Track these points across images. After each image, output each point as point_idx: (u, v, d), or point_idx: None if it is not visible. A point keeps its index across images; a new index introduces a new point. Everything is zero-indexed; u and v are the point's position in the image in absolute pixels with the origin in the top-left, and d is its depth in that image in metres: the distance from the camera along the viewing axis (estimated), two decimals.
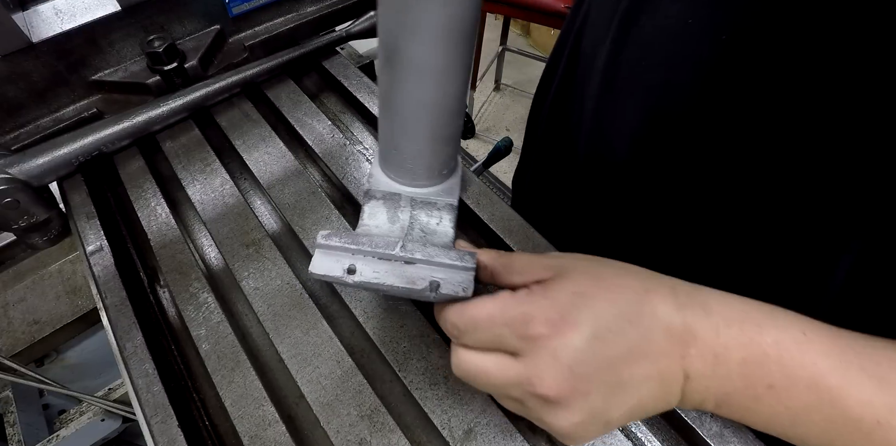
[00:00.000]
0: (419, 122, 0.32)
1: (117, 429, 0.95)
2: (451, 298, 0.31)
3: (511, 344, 0.27)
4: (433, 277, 0.31)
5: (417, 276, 0.31)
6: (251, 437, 0.37)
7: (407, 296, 0.33)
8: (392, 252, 0.32)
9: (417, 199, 0.35)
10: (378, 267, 0.31)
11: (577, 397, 0.26)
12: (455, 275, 0.31)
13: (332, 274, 0.31)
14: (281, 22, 0.63)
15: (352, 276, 0.31)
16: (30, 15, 0.51)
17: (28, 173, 0.48)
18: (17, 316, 0.76)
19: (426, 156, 0.34)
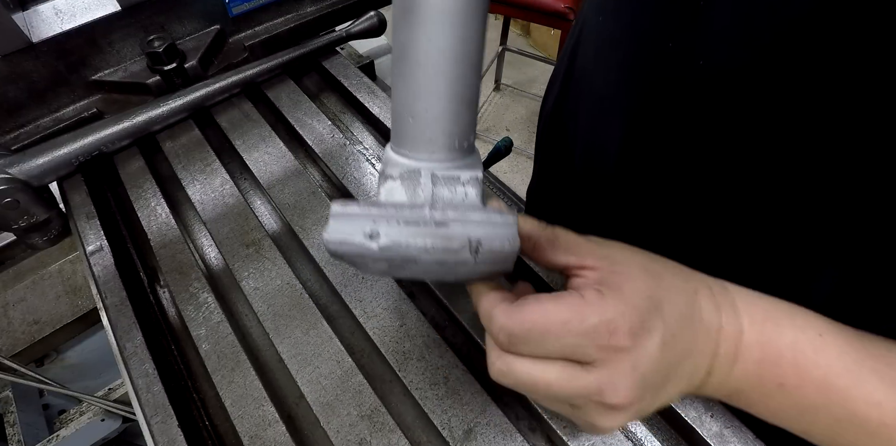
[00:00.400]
0: (439, 75, 0.29)
1: (117, 429, 0.95)
2: (496, 258, 0.27)
3: (587, 354, 0.25)
4: (472, 235, 0.27)
5: (452, 235, 0.27)
6: (251, 437, 0.37)
7: (439, 270, 0.28)
8: (420, 213, 0.27)
9: (438, 175, 0.31)
10: (405, 230, 0.27)
11: (636, 403, 0.26)
12: (496, 231, 0.27)
13: (351, 239, 0.27)
14: (281, 22, 0.63)
15: (375, 241, 0.27)
16: (30, 15, 0.51)
17: (28, 173, 0.48)
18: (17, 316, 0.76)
19: (447, 119, 0.30)
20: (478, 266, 0.27)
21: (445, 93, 0.30)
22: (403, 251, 0.27)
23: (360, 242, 0.27)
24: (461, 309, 0.41)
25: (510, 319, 0.26)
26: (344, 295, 0.43)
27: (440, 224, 0.27)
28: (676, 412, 0.35)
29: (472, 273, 0.29)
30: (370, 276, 0.44)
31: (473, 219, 0.27)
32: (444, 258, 0.27)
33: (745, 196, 0.35)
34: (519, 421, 0.39)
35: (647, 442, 0.36)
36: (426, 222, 0.27)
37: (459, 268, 0.28)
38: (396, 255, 0.27)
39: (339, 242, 0.27)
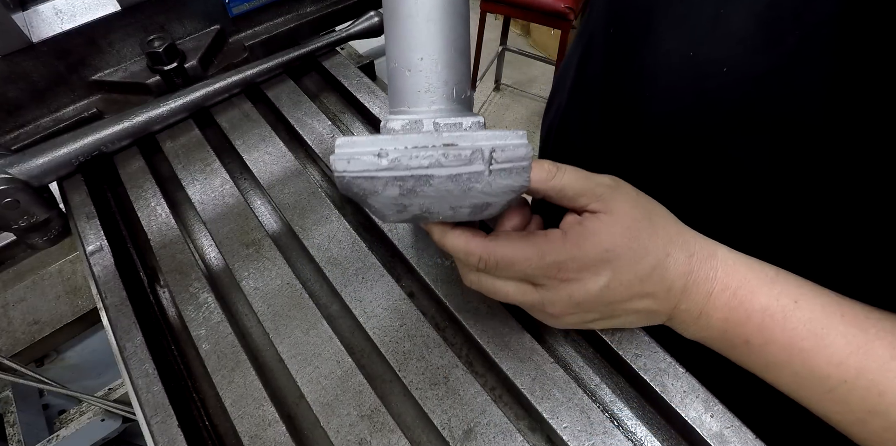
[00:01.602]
0: (430, 22, 0.30)
1: (117, 429, 0.95)
2: (511, 163, 0.27)
3: (538, 280, 0.32)
4: (483, 145, 0.27)
5: (464, 147, 0.27)
6: (251, 437, 0.37)
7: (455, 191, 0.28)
8: (427, 136, 0.27)
9: (441, 123, 0.30)
10: (415, 152, 0.27)
11: (573, 316, 0.33)
12: (508, 141, 0.27)
13: (360, 157, 0.26)
14: (281, 22, 0.63)
15: (384, 160, 0.26)
16: (30, 15, 0.51)
17: (28, 173, 0.48)
18: (17, 316, 0.76)
19: (443, 65, 0.30)
20: (494, 180, 0.27)
21: (438, 39, 0.30)
22: (415, 164, 0.26)
23: (370, 160, 0.26)
24: (461, 309, 0.41)
25: (485, 251, 0.31)
26: (344, 295, 0.43)
27: (448, 144, 0.27)
28: (676, 412, 0.35)
29: (489, 193, 0.28)
30: (369, 277, 0.44)
31: (482, 136, 0.27)
32: (457, 171, 0.27)
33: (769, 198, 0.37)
34: (519, 421, 0.39)
35: (647, 442, 0.36)
36: (434, 142, 0.27)
37: (475, 186, 0.28)
38: (407, 173, 0.27)
39: (347, 160, 0.26)
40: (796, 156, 0.33)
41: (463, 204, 0.30)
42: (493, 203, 0.30)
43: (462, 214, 0.31)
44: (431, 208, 0.30)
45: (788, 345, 0.29)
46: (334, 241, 0.46)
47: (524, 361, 0.38)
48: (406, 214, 0.31)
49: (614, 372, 0.40)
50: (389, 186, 0.28)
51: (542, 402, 0.36)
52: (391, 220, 0.32)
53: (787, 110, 0.32)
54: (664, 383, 0.36)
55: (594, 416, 0.36)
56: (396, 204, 0.29)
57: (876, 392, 0.27)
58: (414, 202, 0.29)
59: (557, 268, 0.31)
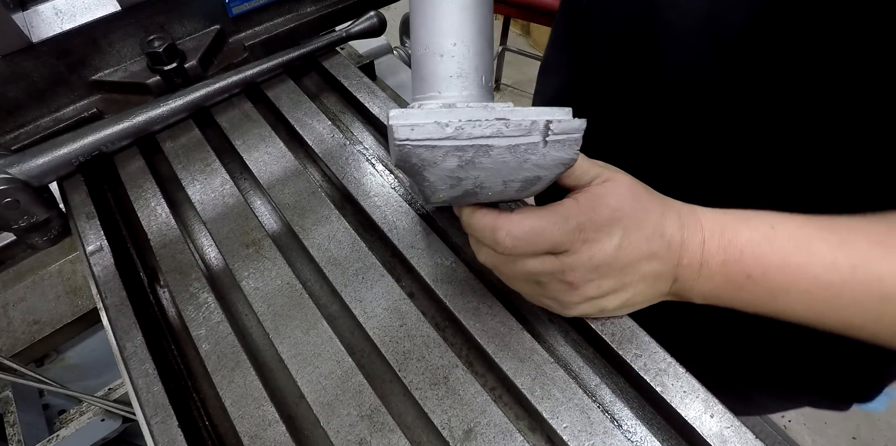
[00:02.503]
0: (465, 8, 0.30)
1: (117, 429, 0.94)
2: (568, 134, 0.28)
3: (561, 247, 0.33)
4: (538, 118, 0.28)
5: (520, 120, 0.27)
6: (251, 437, 0.37)
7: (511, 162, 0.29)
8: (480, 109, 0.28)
9: (475, 107, 0.30)
10: (476, 123, 0.27)
11: (591, 285, 0.34)
12: (558, 114, 0.28)
13: (423, 122, 0.26)
14: (281, 22, 0.63)
15: (448, 128, 0.27)
16: (30, 15, 0.51)
17: (28, 173, 0.48)
18: (17, 316, 0.76)
19: (475, 52, 0.31)
20: (548, 152, 0.29)
21: (472, 26, 0.30)
22: (477, 133, 0.27)
23: (433, 127, 0.26)
24: (461, 309, 0.41)
25: (514, 223, 0.32)
26: (344, 295, 0.43)
27: (500, 118, 0.27)
28: (676, 412, 0.35)
29: (542, 165, 0.30)
30: (369, 277, 0.44)
31: (531, 112, 0.28)
32: (517, 142, 0.28)
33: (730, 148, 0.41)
34: (519, 421, 0.39)
35: (647, 442, 0.36)
36: (489, 115, 0.27)
37: (530, 158, 0.29)
38: (469, 143, 0.27)
39: (411, 127, 0.26)
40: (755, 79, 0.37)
41: (516, 177, 0.30)
42: (542, 176, 0.31)
43: (511, 189, 0.32)
44: (485, 182, 0.30)
45: (784, 265, 0.32)
46: (334, 241, 0.46)
47: (524, 361, 0.38)
48: (457, 190, 0.31)
49: (614, 372, 0.40)
50: (449, 156, 0.28)
51: (542, 402, 0.36)
52: (438, 199, 0.32)
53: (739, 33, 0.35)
54: (664, 383, 0.36)
55: (594, 416, 0.36)
56: (452, 176, 0.29)
57: (875, 278, 0.30)
58: (469, 175, 0.29)
59: (580, 229, 0.32)
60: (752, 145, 0.40)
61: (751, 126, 0.39)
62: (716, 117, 0.40)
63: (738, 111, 0.39)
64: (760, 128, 0.38)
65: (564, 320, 0.42)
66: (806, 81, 0.35)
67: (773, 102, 0.37)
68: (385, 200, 0.48)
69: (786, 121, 0.37)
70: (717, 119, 0.40)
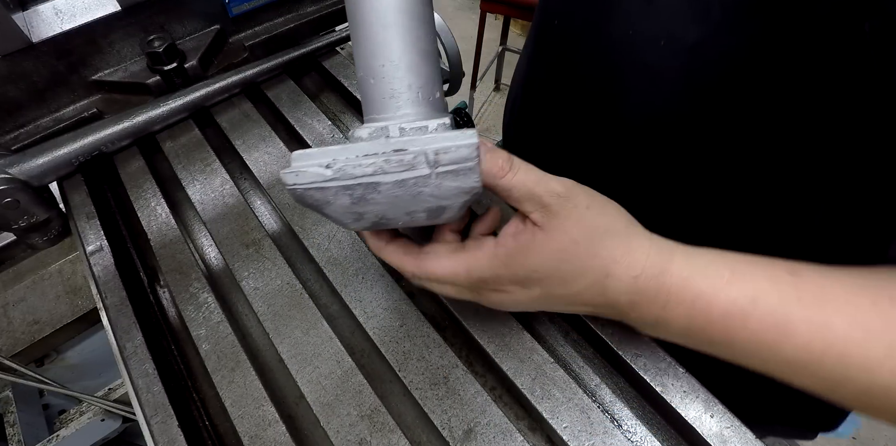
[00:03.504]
0: (388, 28, 0.30)
1: (117, 429, 0.94)
2: (456, 163, 0.27)
3: (470, 291, 0.34)
4: (427, 148, 0.27)
5: (408, 152, 0.27)
6: (251, 437, 0.37)
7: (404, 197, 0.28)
8: (378, 142, 0.28)
9: (406, 127, 0.30)
10: (362, 160, 0.27)
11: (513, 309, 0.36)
12: (454, 142, 0.27)
13: (306, 169, 0.27)
14: (281, 22, 0.63)
15: (329, 170, 0.27)
16: (30, 15, 0.51)
17: (28, 173, 0.48)
18: (17, 316, 0.76)
19: (405, 70, 0.30)
20: (441, 182, 0.28)
21: (397, 44, 0.30)
22: (359, 173, 0.27)
23: (315, 170, 0.27)
24: (461, 309, 0.41)
25: (416, 267, 0.34)
26: (344, 295, 0.43)
27: (398, 150, 0.27)
28: (676, 412, 0.35)
29: (439, 196, 0.28)
30: (369, 277, 0.44)
31: (432, 139, 0.27)
32: (403, 177, 0.27)
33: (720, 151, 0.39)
34: (519, 421, 0.39)
35: (647, 442, 0.36)
36: (384, 149, 0.27)
37: (423, 190, 0.28)
38: (354, 182, 0.27)
39: (295, 174, 0.27)
40: (731, 118, 0.36)
41: (416, 208, 0.30)
42: (447, 206, 0.30)
43: (420, 219, 0.31)
44: (387, 214, 0.30)
45: (753, 340, 0.30)
46: (334, 241, 0.46)
47: (524, 361, 0.38)
48: (364, 222, 0.31)
49: (614, 372, 0.40)
50: (340, 195, 0.28)
51: (542, 402, 0.36)
52: (352, 228, 0.32)
53: (718, 76, 0.35)
54: (664, 383, 0.36)
55: (594, 416, 0.36)
56: (351, 212, 0.30)
57: (843, 364, 0.28)
58: (368, 210, 0.30)
59: (483, 283, 0.33)
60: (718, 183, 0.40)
61: (719, 163, 0.39)
62: (683, 156, 0.40)
63: (707, 150, 0.39)
64: (728, 166, 0.38)
65: (564, 320, 0.42)
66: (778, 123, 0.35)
67: (743, 145, 0.37)
68: None
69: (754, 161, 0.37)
70: (684, 157, 0.40)
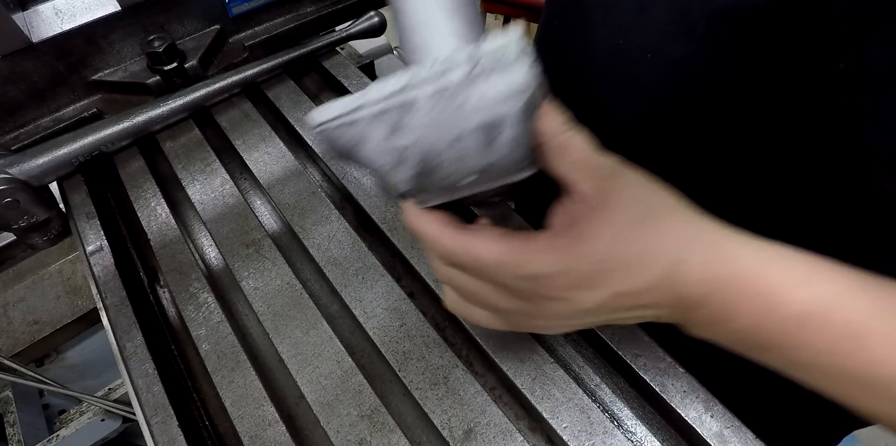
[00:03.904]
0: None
1: (117, 429, 0.95)
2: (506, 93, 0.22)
3: (518, 291, 0.27)
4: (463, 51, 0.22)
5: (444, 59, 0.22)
6: (251, 437, 0.37)
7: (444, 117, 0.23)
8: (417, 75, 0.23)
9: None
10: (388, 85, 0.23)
11: (562, 328, 0.30)
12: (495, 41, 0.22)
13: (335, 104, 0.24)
14: (281, 22, 0.63)
15: (357, 101, 0.23)
16: (30, 15, 0.51)
17: (28, 173, 0.48)
18: (17, 316, 0.76)
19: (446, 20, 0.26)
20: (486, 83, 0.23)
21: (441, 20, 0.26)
22: (389, 91, 0.23)
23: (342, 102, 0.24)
24: None
25: (457, 243, 0.27)
26: (344, 295, 0.43)
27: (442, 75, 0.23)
28: (676, 412, 0.35)
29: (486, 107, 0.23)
30: (369, 277, 0.44)
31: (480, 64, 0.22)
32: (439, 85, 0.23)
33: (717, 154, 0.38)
34: (519, 421, 0.39)
35: (647, 442, 0.36)
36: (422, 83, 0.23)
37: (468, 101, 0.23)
38: (385, 104, 0.23)
39: (323, 109, 0.24)
40: (710, 131, 0.36)
41: (464, 132, 0.24)
42: (497, 122, 0.23)
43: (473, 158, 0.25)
44: (432, 148, 0.24)
45: (825, 349, 0.27)
46: (334, 241, 0.46)
47: (524, 361, 0.38)
48: (407, 167, 0.25)
49: (614, 372, 0.40)
50: (374, 126, 0.24)
51: (542, 402, 0.36)
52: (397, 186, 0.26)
53: (698, 93, 0.34)
54: (664, 383, 0.36)
55: (594, 416, 0.36)
56: (390, 149, 0.25)
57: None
58: (408, 142, 0.24)
59: (538, 283, 0.27)
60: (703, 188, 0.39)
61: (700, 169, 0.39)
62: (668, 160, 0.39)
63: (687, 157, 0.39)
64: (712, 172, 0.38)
65: None
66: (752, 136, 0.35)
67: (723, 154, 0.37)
68: (385, 200, 0.48)
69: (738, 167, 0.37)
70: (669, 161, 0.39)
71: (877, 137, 0.28)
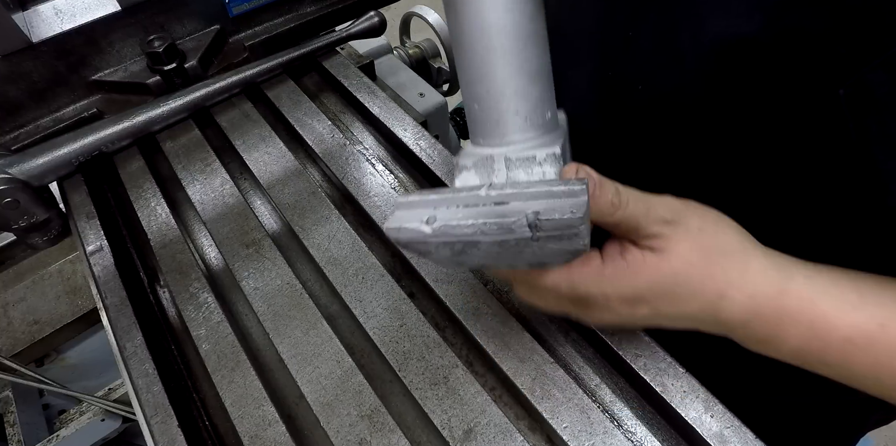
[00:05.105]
0: (489, 52, 0.28)
1: (117, 429, 0.95)
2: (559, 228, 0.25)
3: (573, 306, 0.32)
4: (531, 209, 0.25)
5: (511, 211, 0.26)
6: (251, 437, 0.37)
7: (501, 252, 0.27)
8: (478, 193, 0.27)
9: (513, 157, 0.29)
10: (462, 212, 0.27)
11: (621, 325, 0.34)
12: (560, 203, 0.25)
13: (408, 225, 0.27)
14: (281, 22, 0.63)
15: (430, 225, 0.27)
16: (30, 15, 0.51)
17: (28, 173, 0.48)
18: (17, 316, 0.76)
19: (510, 96, 0.29)
20: (543, 244, 0.26)
21: (503, 69, 0.29)
22: (459, 232, 0.26)
23: (416, 227, 0.27)
24: (461, 309, 0.41)
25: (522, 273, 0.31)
26: (344, 295, 0.43)
27: (499, 203, 0.26)
28: (676, 412, 0.35)
29: (544, 255, 0.27)
30: (369, 277, 0.44)
31: (536, 191, 0.26)
32: (502, 238, 0.26)
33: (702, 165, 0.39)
34: (519, 421, 0.39)
35: (647, 442, 0.36)
36: (484, 202, 0.27)
37: (525, 250, 0.27)
38: (453, 239, 0.27)
39: (398, 229, 0.28)
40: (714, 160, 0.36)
41: (518, 263, 0.29)
42: (549, 263, 0.29)
43: (523, 266, 0.30)
44: (487, 263, 0.30)
45: (874, 366, 0.28)
46: (334, 241, 0.46)
47: (524, 361, 0.38)
48: (466, 266, 0.32)
49: (614, 372, 0.40)
50: (441, 249, 0.28)
51: (542, 402, 0.36)
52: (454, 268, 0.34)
53: (696, 122, 0.35)
54: (664, 383, 0.36)
55: (594, 416, 0.36)
56: (452, 260, 0.29)
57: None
58: (469, 260, 0.29)
59: (588, 299, 0.30)
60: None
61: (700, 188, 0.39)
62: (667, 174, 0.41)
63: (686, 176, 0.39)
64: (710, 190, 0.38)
65: (564, 320, 0.42)
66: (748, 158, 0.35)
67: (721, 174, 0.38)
68: (385, 200, 0.48)
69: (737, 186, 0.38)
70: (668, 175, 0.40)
71: (888, 161, 0.28)
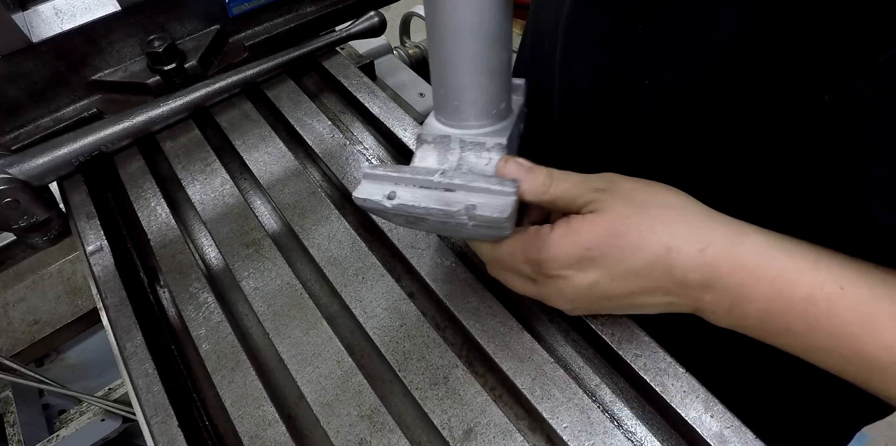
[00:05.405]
0: (458, 52, 0.32)
1: (117, 429, 0.95)
2: (488, 222, 0.31)
3: (528, 275, 0.34)
4: (470, 201, 0.32)
5: (455, 200, 0.32)
6: (251, 437, 0.37)
7: (444, 227, 0.34)
8: (432, 178, 0.33)
9: (467, 140, 0.35)
10: (417, 193, 0.33)
11: (579, 309, 0.36)
12: (494, 200, 0.31)
13: (372, 198, 0.33)
14: (281, 22, 0.63)
15: (390, 201, 0.33)
16: (30, 15, 0.51)
17: (28, 173, 0.48)
18: (17, 316, 0.76)
19: (471, 89, 0.33)
20: (475, 228, 0.33)
21: (466, 66, 0.33)
22: (412, 211, 0.33)
23: (379, 201, 0.33)
24: (461, 309, 0.41)
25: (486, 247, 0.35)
26: (344, 295, 0.43)
27: (448, 189, 0.32)
28: (676, 412, 0.35)
29: (473, 233, 0.34)
30: (369, 277, 0.44)
31: (478, 186, 0.32)
32: (445, 219, 0.32)
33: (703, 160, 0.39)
34: (519, 421, 0.39)
35: (647, 442, 0.36)
36: (436, 186, 0.33)
37: (460, 229, 0.33)
38: (407, 213, 0.33)
39: (364, 199, 0.34)
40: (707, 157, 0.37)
41: (459, 234, 0.36)
42: (488, 235, 0.34)
43: (458, 236, 0.37)
44: (435, 231, 0.37)
45: (834, 332, 0.28)
46: (334, 241, 0.46)
47: (524, 361, 0.38)
48: (419, 229, 0.38)
49: (614, 372, 0.40)
50: (397, 217, 0.35)
51: (542, 402, 0.36)
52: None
53: (699, 120, 0.35)
54: (664, 383, 0.36)
55: (594, 416, 0.36)
56: (406, 225, 0.36)
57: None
58: (419, 227, 0.37)
59: (539, 265, 0.32)
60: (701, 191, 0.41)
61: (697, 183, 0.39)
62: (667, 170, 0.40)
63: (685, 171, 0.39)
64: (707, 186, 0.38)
65: (564, 320, 0.42)
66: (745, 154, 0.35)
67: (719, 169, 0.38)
68: None
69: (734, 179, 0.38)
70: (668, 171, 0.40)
71: (867, 168, 0.28)
